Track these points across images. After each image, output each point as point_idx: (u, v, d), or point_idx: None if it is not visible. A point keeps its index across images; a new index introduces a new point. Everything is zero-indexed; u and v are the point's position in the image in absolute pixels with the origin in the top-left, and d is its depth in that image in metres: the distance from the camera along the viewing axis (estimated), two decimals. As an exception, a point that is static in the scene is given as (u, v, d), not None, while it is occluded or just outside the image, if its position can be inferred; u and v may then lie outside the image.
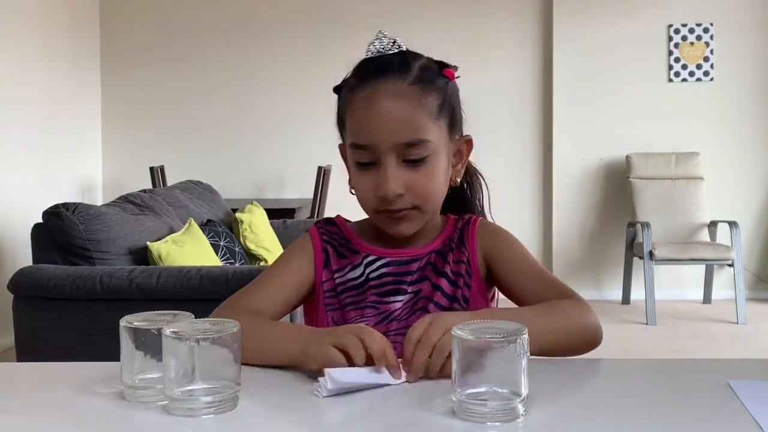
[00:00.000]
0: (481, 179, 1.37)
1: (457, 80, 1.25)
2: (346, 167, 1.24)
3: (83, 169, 5.35)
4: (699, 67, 5.29)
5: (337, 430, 0.85)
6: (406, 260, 1.22)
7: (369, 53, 1.17)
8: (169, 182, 4.85)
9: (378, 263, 1.22)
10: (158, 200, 3.38)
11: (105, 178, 5.63)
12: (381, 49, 1.17)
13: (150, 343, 0.89)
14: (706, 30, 5.29)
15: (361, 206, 1.21)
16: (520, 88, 5.44)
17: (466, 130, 1.27)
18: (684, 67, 5.30)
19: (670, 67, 5.31)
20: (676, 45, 5.30)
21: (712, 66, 5.28)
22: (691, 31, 5.29)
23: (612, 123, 5.34)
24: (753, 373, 1.00)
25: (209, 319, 0.90)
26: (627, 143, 5.29)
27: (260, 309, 1.16)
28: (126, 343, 0.90)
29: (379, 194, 1.14)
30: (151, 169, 4.91)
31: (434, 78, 1.18)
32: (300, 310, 1.31)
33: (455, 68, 1.23)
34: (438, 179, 1.17)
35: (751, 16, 5.27)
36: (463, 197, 1.35)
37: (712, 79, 5.29)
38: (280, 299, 1.20)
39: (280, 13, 5.53)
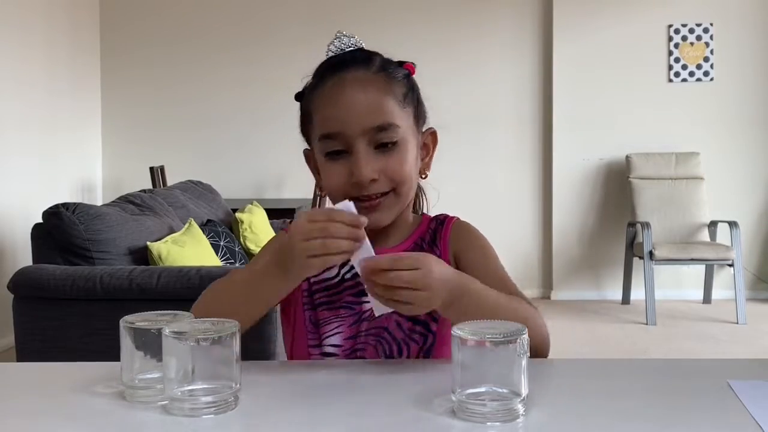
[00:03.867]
0: (423, 196, 1.34)
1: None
2: (313, 173, 1.24)
3: (83, 169, 5.35)
4: (699, 67, 5.29)
5: (337, 430, 0.85)
6: None
7: (329, 53, 1.18)
8: (169, 182, 4.85)
9: (350, 263, 1.21)
10: (158, 200, 3.39)
11: (105, 178, 5.63)
12: (341, 47, 1.18)
13: (150, 343, 0.89)
14: (706, 30, 5.29)
15: (330, 198, 1.18)
16: (521, 88, 5.44)
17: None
18: (684, 67, 5.30)
19: (670, 68, 5.31)
20: (676, 45, 5.30)
21: (712, 66, 5.28)
22: (691, 31, 5.29)
23: (612, 123, 5.34)
24: (753, 373, 1.00)
25: (209, 319, 0.90)
26: (627, 143, 5.29)
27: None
28: (126, 343, 0.90)
29: (353, 180, 1.12)
30: (151, 169, 4.90)
31: (397, 69, 1.19)
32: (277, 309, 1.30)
33: (414, 65, 1.24)
34: (410, 164, 1.16)
35: (751, 16, 5.27)
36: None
37: (712, 79, 5.29)
38: None
39: (280, 13, 5.53)
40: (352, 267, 1.19)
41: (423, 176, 1.24)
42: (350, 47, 1.18)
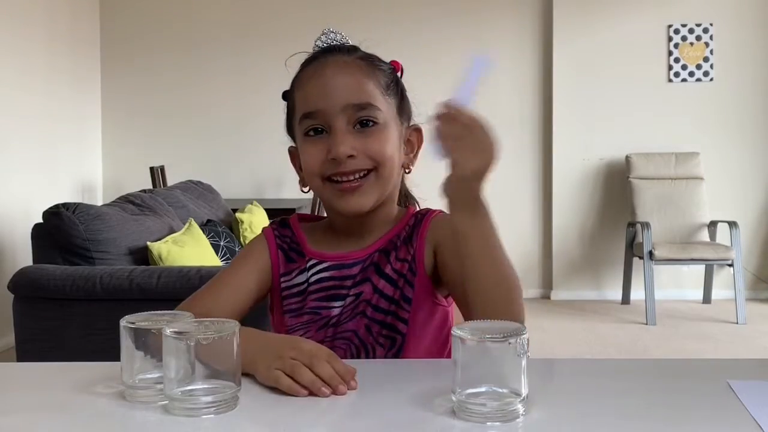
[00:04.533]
0: (416, 203, 1.30)
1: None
2: (296, 170, 1.23)
3: (83, 169, 5.35)
4: (699, 67, 5.29)
5: (337, 430, 0.85)
6: (349, 263, 1.18)
7: (316, 48, 1.19)
8: (169, 182, 4.85)
9: (318, 267, 1.19)
10: (158, 200, 3.38)
11: (105, 178, 5.63)
12: (327, 42, 1.19)
13: (150, 343, 0.89)
14: (705, 30, 5.29)
15: (308, 181, 1.17)
16: (520, 88, 5.44)
17: None
18: (684, 67, 5.30)
19: (670, 68, 5.31)
20: (676, 45, 5.30)
21: (711, 66, 5.28)
22: (691, 31, 5.29)
23: (612, 123, 5.33)
24: (753, 373, 1.00)
25: (209, 319, 0.91)
26: (627, 143, 5.29)
27: (213, 313, 1.12)
28: (126, 343, 0.90)
29: (330, 156, 1.11)
30: (151, 169, 4.90)
31: (381, 62, 1.19)
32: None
33: (400, 64, 1.24)
34: (392, 146, 1.14)
35: (751, 16, 5.27)
36: None
37: (711, 80, 5.29)
38: (234, 301, 1.18)
39: (279, 13, 5.53)
40: (318, 272, 1.18)
41: (407, 170, 1.22)
42: (336, 42, 1.19)
